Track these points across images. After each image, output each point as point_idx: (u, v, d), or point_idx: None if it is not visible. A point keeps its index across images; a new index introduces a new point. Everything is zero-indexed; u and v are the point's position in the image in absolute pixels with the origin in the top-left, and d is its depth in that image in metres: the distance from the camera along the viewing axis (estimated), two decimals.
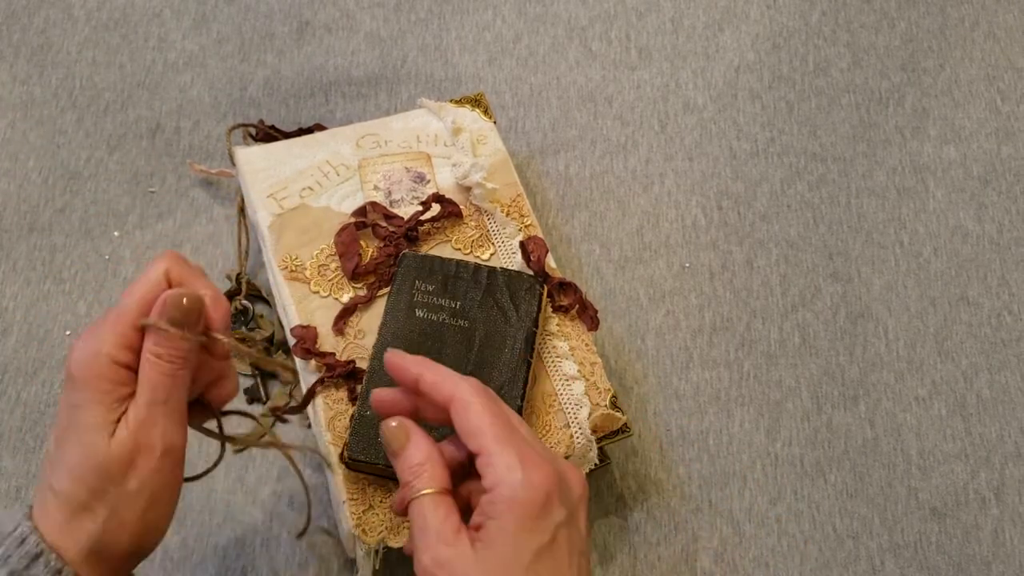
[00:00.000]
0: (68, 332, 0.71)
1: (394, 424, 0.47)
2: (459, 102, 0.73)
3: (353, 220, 0.66)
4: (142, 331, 0.44)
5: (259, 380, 0.69)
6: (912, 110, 0.84)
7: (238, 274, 0.72)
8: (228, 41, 0.85)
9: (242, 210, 0.73)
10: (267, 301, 0.72)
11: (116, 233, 0.75)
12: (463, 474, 0.48)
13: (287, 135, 0.76)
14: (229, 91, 0.82)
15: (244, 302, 0.71)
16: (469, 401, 0.45)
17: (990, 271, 0.77)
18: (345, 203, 0.67)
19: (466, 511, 0.47)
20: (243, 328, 0.70)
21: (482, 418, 0.45)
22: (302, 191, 0.67)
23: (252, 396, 0.69)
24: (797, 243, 0.77)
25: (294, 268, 0.64)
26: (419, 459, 0.46)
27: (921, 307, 0.75)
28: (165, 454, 0.44)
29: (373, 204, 0.66)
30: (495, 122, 0.73)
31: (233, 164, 0.72)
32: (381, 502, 0.57)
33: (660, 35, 0.87)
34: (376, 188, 0.68)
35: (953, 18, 0.89)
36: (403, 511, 0.46)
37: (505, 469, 0.43)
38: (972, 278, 0.76)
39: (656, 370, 0.72)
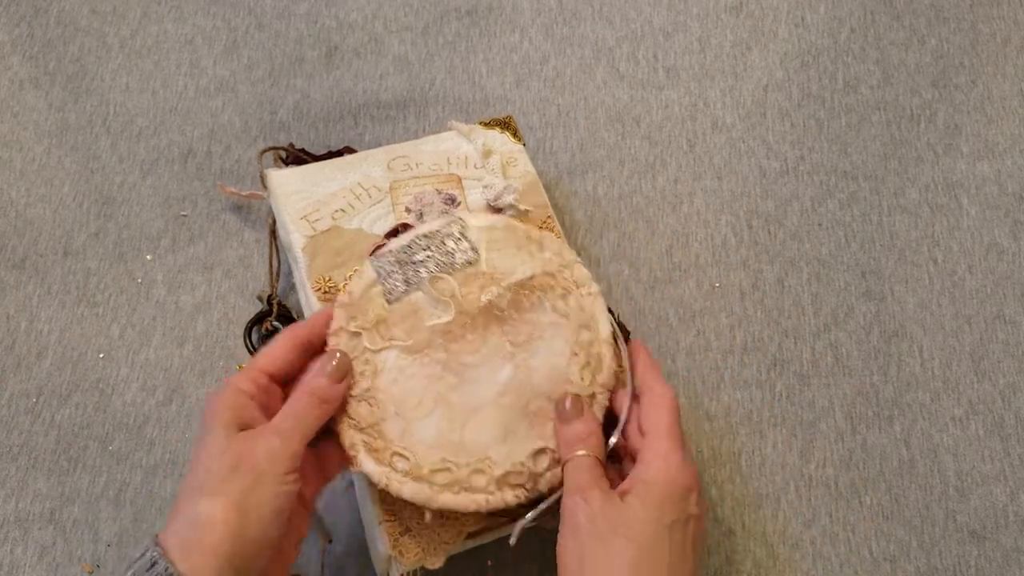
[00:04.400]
0: (101, 355, 0.72)
1: (569, 401, 0.55)
2: (488, 125, 0.73)
3: (385, 242, 0.66)
4: (268, 376, 0.53)
5: None
6: (944, 127, 0.84)
7: (269, 295, 0.73)
8: (258, 66, 0.86)
9: (273, 232, 0.74)
10: None
11: (149, 257, 0.76)
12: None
13: (316, 158, 0.76)
14: (259, 115, 0.83)
15: (275, 323, 0.72)
16: (671, 400, 0.54)
17: None
18: (377, 225, 0.67)
19: None
20: None
21: (672, 419, 0.53)
22: (334, 213, 0.67)
23: None
24: (829, 262, 0.77)
25: (327, 289, 0.64)
26: (592, 429, 0.54)
27: (956, 326, 0.74)
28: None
29: (405, 226, 0.67)
30: (524, 144, 0.73)
31: (264, 187, 0.72)
32: (418, 523, 0.57)
33: (687, 55, 0.87)
34: (407, 210, 0.68)
35: (984, 34, 0.89)
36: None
37: (668, 451, 0.52)
38: (1008, 296, 0.76)
39: (687, 391, 0.71)
